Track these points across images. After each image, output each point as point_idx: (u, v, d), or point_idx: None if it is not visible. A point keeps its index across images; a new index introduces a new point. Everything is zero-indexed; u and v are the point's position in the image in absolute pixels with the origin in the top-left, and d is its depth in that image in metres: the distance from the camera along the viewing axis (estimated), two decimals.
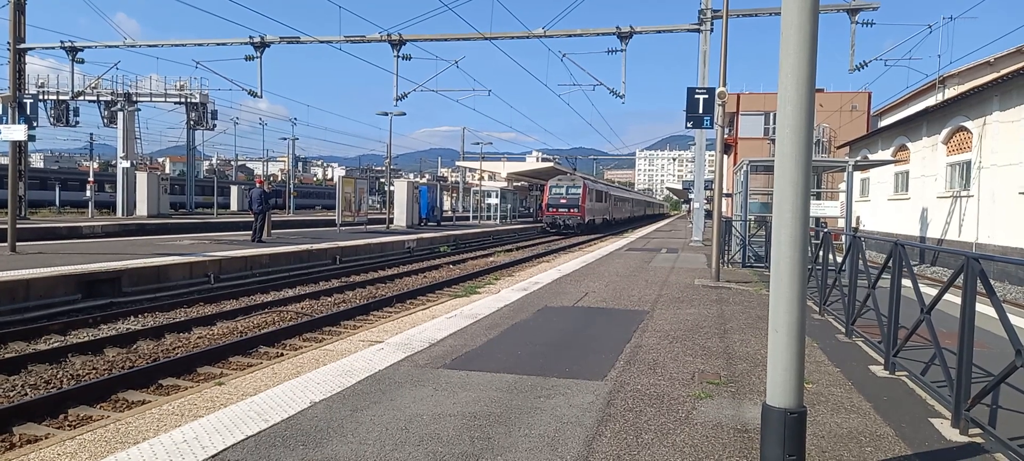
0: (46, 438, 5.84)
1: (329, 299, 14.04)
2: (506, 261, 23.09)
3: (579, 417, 4.90)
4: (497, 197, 48.58)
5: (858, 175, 31.93)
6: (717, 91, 13.78)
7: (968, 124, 22.92)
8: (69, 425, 6.37)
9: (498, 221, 46.72)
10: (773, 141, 36.03)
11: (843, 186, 18.83)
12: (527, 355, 6.86)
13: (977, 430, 4.63)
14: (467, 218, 52.03)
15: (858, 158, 28.54)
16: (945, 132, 24.80)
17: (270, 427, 4.54)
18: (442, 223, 40.95)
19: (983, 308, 4.69)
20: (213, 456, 4.01)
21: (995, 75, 23.16)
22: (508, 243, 33.00)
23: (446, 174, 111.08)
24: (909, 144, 28.85)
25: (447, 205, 57.13)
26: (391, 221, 34.57)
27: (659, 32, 27.02)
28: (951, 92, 29.60)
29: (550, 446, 4.30)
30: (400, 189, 36.56)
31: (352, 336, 8.32)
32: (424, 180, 64.50)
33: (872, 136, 35.21)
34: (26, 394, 7.18)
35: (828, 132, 42.10)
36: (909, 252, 6.43)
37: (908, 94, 35.99)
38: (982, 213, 21.49)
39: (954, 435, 4.68)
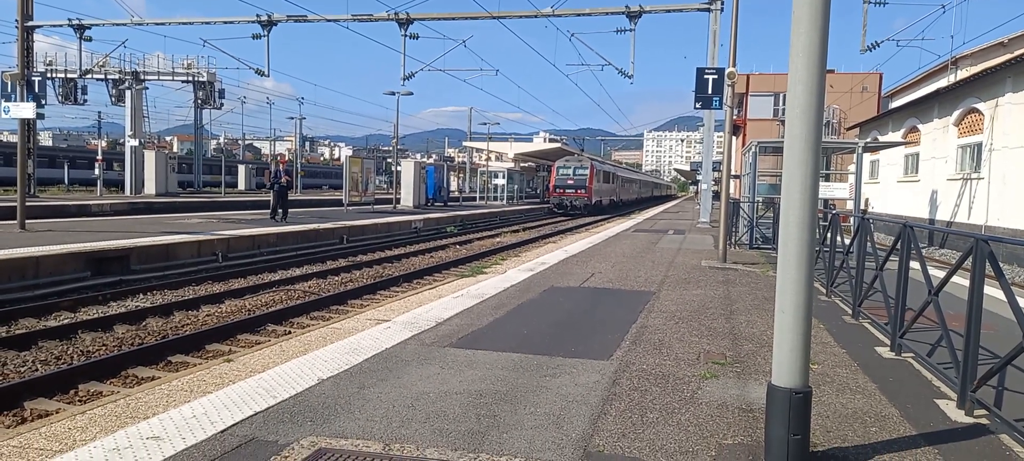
0: (57, 412, 5.92)
1: (336, 278, 14.11)
2: (513, 242, 23.11)
3: (585, 396, 4.92)
4: (504, 178, 48.52)
5: (868, 157, 31.67)
6: (727, 71, 13.66)
7: (980, 106, 22.67)
8: (79, 400, 6.45)
9: (505, 202, 46.68)
10: (783, 122, 35.78)
11: (852, 168, 18.71)
12: (533, 334, 6.88)
13: (982, 411, 4.63)
14: (474, 199, 52.02)
15: (868, 139, 28.28)
16: (956, 114, 24.54)
17: (278, 403, 4.58)
18: (449, 203, 40.96)
19: (991, 290, 4.67)
20: (222, 431, 4.06)
21: (1008, 56, 22.85)
22: (515, 224, 32.99)
23: (453, 154, 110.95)
24: (920, 126, 28.58)
25: (454, 185, 57.11)
26: (398, 201, 34.60)
27: (669, 12, 26.83)
28: (963, 73, 29.27)
29: (555, 424, 4.33)
30: (407, 169, 36.53)
31: (359, 315, 8.36)
32: (431, 160, 64.46)
33: (883, 117, 34.87)
34: (37, 370, 7.27)
35: (838, 113, 41.84)
36: (918, 234, 6.39)
37: (920, 75, 35.62)
38: (992, 195, 21.31)
39: (960, 416, 4.68)
